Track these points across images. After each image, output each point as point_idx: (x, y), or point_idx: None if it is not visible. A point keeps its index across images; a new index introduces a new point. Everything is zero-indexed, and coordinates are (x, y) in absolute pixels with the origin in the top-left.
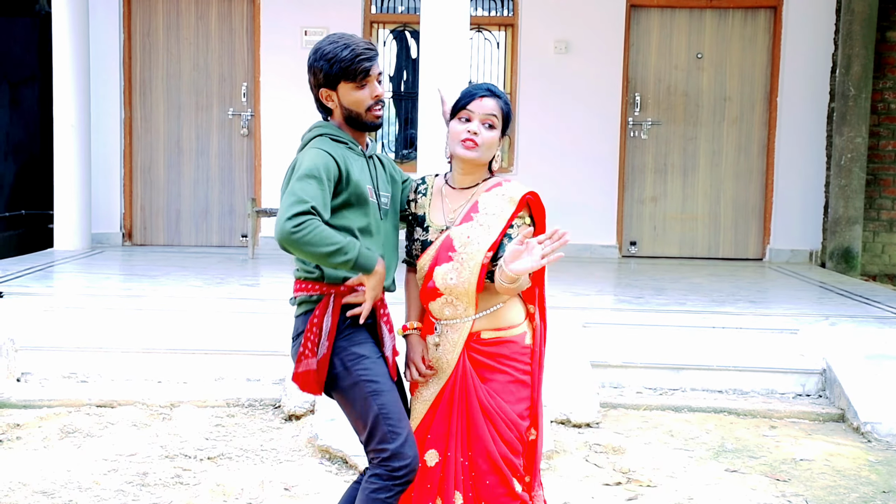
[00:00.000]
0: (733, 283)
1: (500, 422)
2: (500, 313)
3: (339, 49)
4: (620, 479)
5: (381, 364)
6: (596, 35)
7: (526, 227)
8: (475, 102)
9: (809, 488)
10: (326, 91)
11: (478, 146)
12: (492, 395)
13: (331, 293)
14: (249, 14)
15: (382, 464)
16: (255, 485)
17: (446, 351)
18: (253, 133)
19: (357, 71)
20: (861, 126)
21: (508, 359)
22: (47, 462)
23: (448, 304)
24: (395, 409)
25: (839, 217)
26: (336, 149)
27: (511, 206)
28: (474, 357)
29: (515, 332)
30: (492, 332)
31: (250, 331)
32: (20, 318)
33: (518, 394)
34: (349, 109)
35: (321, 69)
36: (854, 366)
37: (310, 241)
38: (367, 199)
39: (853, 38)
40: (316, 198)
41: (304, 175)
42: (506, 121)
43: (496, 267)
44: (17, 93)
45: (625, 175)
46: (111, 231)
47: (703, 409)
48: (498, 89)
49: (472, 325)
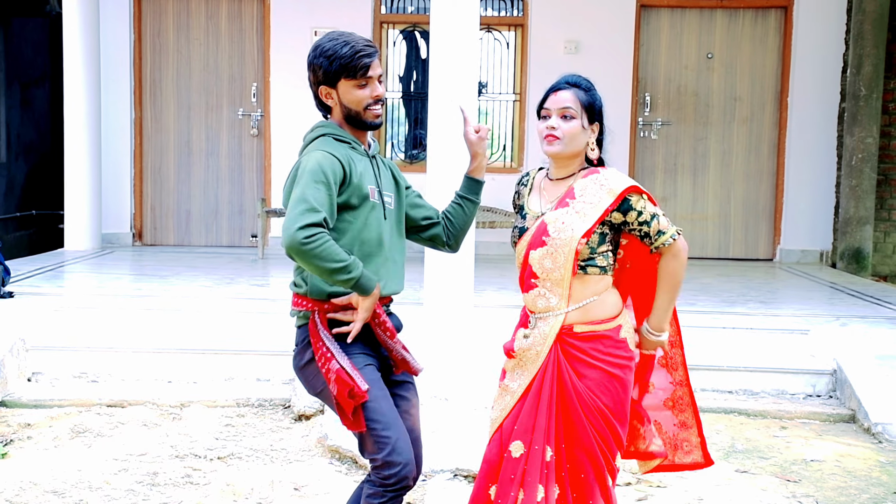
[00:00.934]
0: (743, 284)
1: (595, 417)
2: (594, 307)
3: (338, 46)
4: (630, 480)
5: (370, 371)
6: (606, 35)
7: (646, 205)
8: (550, 98)
9: (820, 489)
10: (326, 89)
11: (558, 139)
12: (588, 389)
13: (314, 310)
14: (260, 14)
15: (374, 471)
16: (264, 485)
17: (536, 342)
18: (263, 133)
19: (357, 68)
20: (872, 126)
21: (603, 353)
22: (58, 462)
23: (541, 296)
24: (382, 417)
25: (850, 217)
26: (339, 149)
27: (610, 197)
28: (568, 350)
29: (610, 325)
30: (585, 326)
31: (260, 331)
32: (31, 318)
33: (612, 390)
34: (348, 108)
35: (321, 66)
36: (865, 366)
37: (319, 254)
38: (369, 200)
39: (864, 37)
40: (325, 205)
41: (313, 180)
42: (590, 109)
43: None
44: (27, 93)
45: (635, 175)
46: (121, 231)
47: (713, 409)
48: (579, 79)
49: (565, 318)
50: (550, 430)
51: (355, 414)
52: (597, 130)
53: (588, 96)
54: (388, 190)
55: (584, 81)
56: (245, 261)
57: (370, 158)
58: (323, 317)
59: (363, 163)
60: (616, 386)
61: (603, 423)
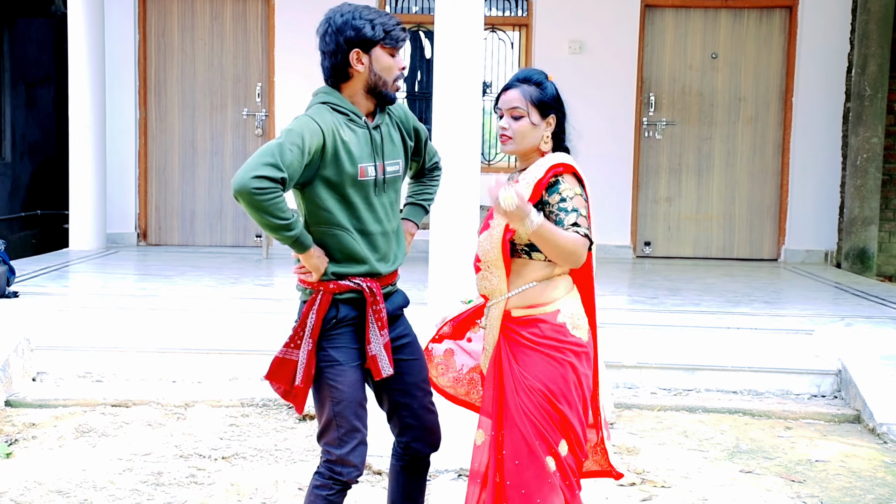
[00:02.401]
0: (748, 284)
1: (534, 396)
2: (532, 292)
3: (375, 13)
4: (635, 480)
5: (352, 372)
6: (610, 35)
7: (578, 196)
8: (501, 98)
9: (825, 489)
10: (359, 53)
11: (511, 139)
12: (527, 371)
13: (319, 290)
14: (264, 14)
15: (326, 464)
16: (269, 484)
17: (490, 329)
18: (267, 133)
19: (397, 39)
20: (877, 126)
21: (540, 336)
22: (62, 461)
23: (483, 278)
24: (349, 419)
25: (855, 217)
26: (331, 119)
27: (540, 171)
28: (509, 335)
29: (547, 309)
30: (522, 311)
31: (265, 331)
32: (35, 317)
33: (553, 372)
34: (378, 75)
35: (360, 28)
36: (869, 367)
37: (265, 207)
38: (357, 179)
39: (869, 37)
40: (292, 166)
41: (288, 140)
42: (539, 104)
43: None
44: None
45: (639, 175)
46: (126, 231)
47: (717, 409)
48: (531, 73)
49: (506, 303)
50: (497, 418)
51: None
52: (553, 122)
53: (538, 91)
54: (393, 157)
55: (536, 75)
56: (249, 261)
57: (371, 130)
58: (325, 298)
59: (359, 136)
60: (557, 368)
61: (544, 403)
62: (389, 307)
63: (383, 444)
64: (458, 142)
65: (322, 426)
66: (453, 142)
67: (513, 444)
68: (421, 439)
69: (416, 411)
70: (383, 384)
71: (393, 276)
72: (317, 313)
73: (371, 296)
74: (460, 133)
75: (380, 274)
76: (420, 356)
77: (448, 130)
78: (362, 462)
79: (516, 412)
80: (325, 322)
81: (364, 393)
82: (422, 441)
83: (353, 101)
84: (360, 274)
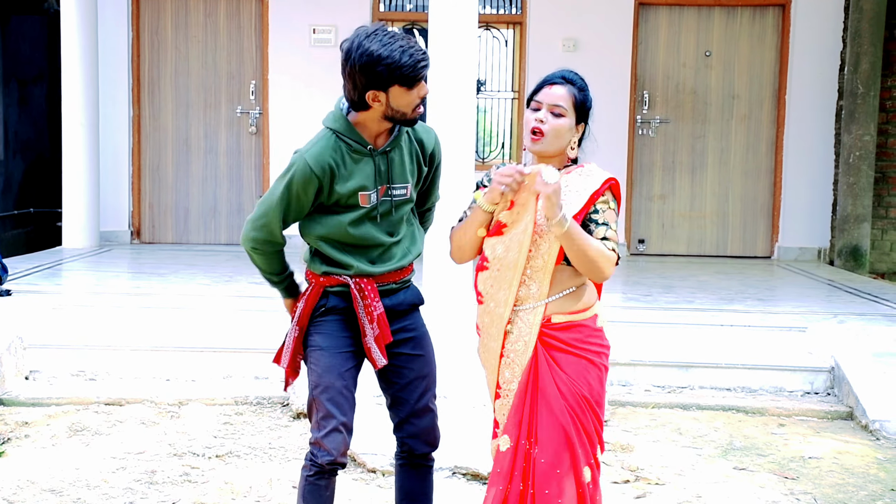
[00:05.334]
0: (742, 281)
1: (580, 406)
2: (572, 297)
3: (396, 53)
4: (629, 477)
5: (335, 357)
6: (604, 33)
7: (612, 211)
8: (544, 91)
9: (818, 486)
10: (375, 93)
11: (543, 136)
12: (570, 378)
13: (312, 282)
14: (258, 12)
15: (310, 444)
16: (263, 483)
17: (523, 333)
18: (261, 131)
19: (417, 78)
20: (870, 124)
21: (582, 342)
22: (55, 460)
23: (522, 284)
24: (324, 404)
25: (847, 215)
26: (332, 152)
27: (595, 183)
28: (547, 342)
29: (587, 314)
30: (563, 316)
31: (259, 329)
32: (28, 316)
33: (592, 378)
34: (396, 110)
35: (377, 71)
36: (862, 364)
37: (257, 262)
38: (358, 206)
39: (862, 35)
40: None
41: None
42: (580, 109)
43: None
44: (25, 91)
45: (633, 173)
46: (119, 229)
47: (711, 406)
48: (575, 76)
49: (545, 308)
50: (529, 424)
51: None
52: (581, 131)
53: (581, 95)
54: (401, 182)
55: (580, 80)
56: (244, 259)
57: (376, 158)
58: (315, 290)
59: (361, 165)
60: (595, 374)
61: (588, 412)
62: (390, 303)
63: (378, 442)
64: (452, 139)
65: (307, 407)
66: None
67: (554, 453)
68: (416, 436)
69: (413, 406)
70: (384, 377)
71: (394, 275)
72: (306, 302)
73: (360, 292)
74: (455, 131)
75: (371, 274)
76: (426, 353)
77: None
78: (337, 448)
79: (563, 418)
80: (314, 310)
81: (348, 382)
82: (417, 438)
83: (366, 125)
84: (349, 274)
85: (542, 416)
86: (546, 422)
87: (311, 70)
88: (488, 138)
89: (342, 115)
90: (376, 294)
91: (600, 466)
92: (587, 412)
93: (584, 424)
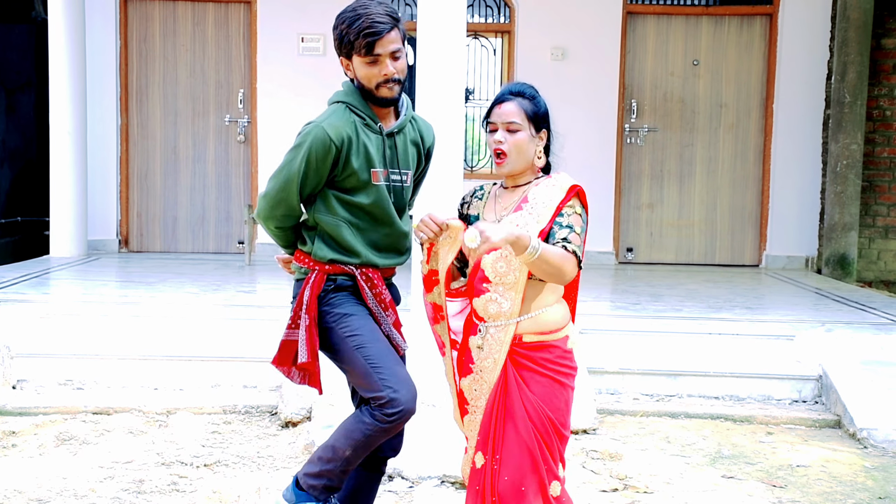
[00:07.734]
0: (730, 290)
1: (543, 426)
2: (544, 317)
3: (352, 18)
4: (617, 486)
5: (365, 319)
6: (592, 42)
7: (577, 215)
8: (495, 111)
9: (806, 494)
10: (345, 60)
11: (507, 156)
12: (537, 398)
13: (315, 269)
14: (246, 21)
15: (377, 408)
16: (251, 492)
17: (492, 350)
18: (250, 139)
19: (360, 46)
20: (857, 133)
21: (551, 362)
22: (43, 469)
23: (492, 301)
24: (383, 359)
25: (835, 223)
26: (347, 123)
27: (560, 193)
28: (517, 360)
29: (558, 335)
30: (534, 336)
31: (247, 338)
32: (16, 325)
33: (558, 399)
34: (360, 83)
35: (337, 37)
36: (850, 372)
37: (274, 236)
38: (370, 183)
39: (849, 45)
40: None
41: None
42: (534, 118)
43: None
44: (13, 99)
45: (621, 181)
46: (107, 238)
47: (699, 415)
48: (523, 87)
49: (517, 327)
50: (497, 441)
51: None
52: (545, 137)
53: (532, 105)
54: (404, 168)
55: (528, 89)
56: (232, 267)
57: (385, 136)
58: (320, 278)
59: (372, 141)
60: (562, 395)
61: (550, 431)
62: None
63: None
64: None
65: (363, 379)
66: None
67: (517, 470)
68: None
69: None
70: None
71: (393, 269)
72: (311, 289)
73: (367, 280)
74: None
75: (376, 265)
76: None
77: None
78: (411, 399)
79: (527, 437)
80: (321, 295)
81: (380, 333)
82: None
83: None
84: (355, 264)
85: (508, 435)
86: (511, 441)
87: (299, 79)
88: (476, 147)
89: (354, 89)
90: (382, 282)
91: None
92: (551, 433)
93: (548, 445)
